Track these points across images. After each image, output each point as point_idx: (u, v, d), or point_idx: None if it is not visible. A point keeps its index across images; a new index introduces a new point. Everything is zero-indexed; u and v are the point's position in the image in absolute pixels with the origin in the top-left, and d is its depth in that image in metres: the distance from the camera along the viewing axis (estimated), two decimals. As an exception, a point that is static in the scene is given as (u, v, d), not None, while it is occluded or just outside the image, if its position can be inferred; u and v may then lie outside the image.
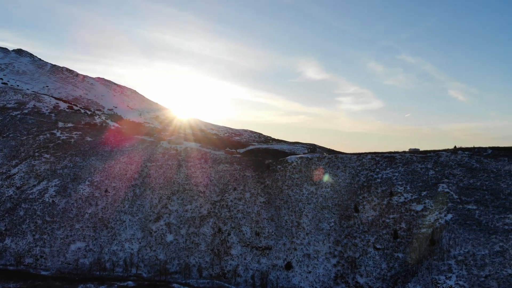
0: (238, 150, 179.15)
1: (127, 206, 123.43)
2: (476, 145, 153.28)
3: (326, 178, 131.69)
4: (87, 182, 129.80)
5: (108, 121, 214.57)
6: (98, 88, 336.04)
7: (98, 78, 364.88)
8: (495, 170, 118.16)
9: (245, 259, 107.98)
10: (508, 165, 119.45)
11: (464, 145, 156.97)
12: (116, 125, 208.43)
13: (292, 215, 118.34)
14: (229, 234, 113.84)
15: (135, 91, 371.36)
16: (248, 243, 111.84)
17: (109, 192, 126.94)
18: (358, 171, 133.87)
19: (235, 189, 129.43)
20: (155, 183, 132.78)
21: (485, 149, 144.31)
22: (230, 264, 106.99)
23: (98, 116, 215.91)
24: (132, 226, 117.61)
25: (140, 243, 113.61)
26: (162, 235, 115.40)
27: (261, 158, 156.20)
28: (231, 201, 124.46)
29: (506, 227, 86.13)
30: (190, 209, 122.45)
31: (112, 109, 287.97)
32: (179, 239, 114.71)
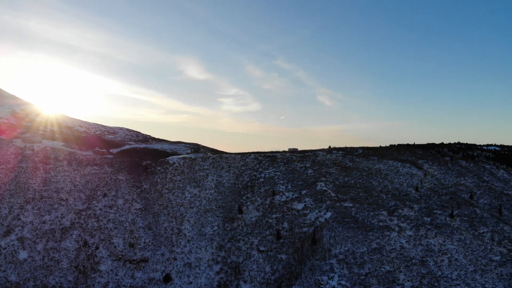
0: (110, 150, 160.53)
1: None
2: (342, 145, 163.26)
3: (210, 179, 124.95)
4: None
5: None
6: None
7: None
8: (366, 168, 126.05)
9: (116, 274, 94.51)
10: (378, 164, 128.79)
11: (333, 145, 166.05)
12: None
13: (172, 222, 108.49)
14: (97, 248, 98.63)
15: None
16: (120, 256, 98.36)
17: None
18: (242, 171, 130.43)
19: (105, 195, 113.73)
20: (4, 189, 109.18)
21: (356, 149, 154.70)
22: (99, 282, 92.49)
23: None
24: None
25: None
26: (14, 252, 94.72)
27: (138, 159, 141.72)
28: (100, 209, 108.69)
29: (381, 223, 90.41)
30: (49, 220, 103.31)
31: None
32: (35, 256, 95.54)
